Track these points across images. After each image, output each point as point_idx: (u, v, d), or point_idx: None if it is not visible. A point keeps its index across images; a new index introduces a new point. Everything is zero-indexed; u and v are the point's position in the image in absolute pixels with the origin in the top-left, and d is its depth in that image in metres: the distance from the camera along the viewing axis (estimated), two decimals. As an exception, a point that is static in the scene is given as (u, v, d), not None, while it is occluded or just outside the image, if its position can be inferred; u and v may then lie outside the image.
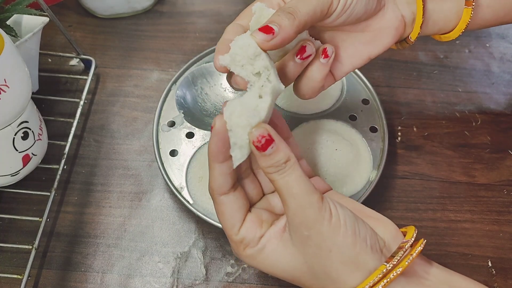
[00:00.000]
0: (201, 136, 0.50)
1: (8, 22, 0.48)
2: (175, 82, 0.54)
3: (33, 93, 0.44)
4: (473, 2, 0.39)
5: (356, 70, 0.55)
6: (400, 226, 0.48)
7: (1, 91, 0.37)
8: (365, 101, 0.53)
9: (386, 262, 0.31)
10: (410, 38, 0.41)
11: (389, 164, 0.51)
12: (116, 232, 0.47)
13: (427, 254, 0.46)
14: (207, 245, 0.46)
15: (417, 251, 0.31)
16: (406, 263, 0.30)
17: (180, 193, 0.47)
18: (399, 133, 0.54)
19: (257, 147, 0.31)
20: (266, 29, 0.32)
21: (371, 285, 0.30)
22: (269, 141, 0.31)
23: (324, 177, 0.46)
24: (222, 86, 0.54)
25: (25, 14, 0.48)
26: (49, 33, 0.60)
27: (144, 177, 0.51)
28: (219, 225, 0.44)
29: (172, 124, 0.51)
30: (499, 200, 0.50)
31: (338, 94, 0.54)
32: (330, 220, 0.31)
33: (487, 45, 0.62)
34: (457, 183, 0.51)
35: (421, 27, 0.40)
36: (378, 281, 0.30)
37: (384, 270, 0.30)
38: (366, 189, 0.46)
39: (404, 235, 0.34)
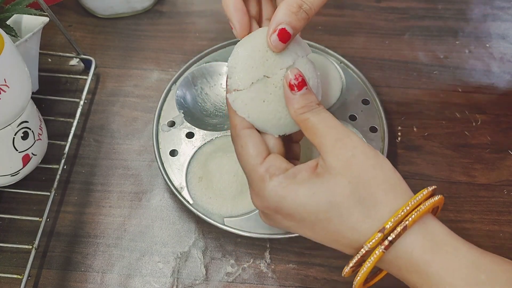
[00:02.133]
0: (201, 136, 0.50)
1: (8, 22, 0.48)
2: (175, 82, 0.54)
3: (33, 93, 0.44)
4: None
5: (356, 70, 0.55)
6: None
7: (1, 91, 0.37)
8: (365, 101, 0.53)
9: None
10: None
11: (389, 164, 0.51)
12: (116, 232, 0.47)
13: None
14: (207, 245, 0.46)
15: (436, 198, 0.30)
16: (429, 202, 0.30)
17: (180, 193, 0.47)
18: (399, 133, 0.54)
19: (292, 86, 0.33)
20: (282, 36, 0.33)
21: (413, 204, 0.29)
22: (303, 82, 0.33)
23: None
24: (222, 86, 0.54)
25: (25, 14, 0.48)
26: (49, 33, 0.60)
27: (144, 177, 0.51)
28: (219, 225, 0.44)
29: (172, 124, 0.51)
30: (499, 200, 0.50)
31: (338, 94, 0.54)
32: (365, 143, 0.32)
33: (487, 45, 0.62)
34: (457, 183, 0.51)
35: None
36: (419, 204, 0.29)
37: (425, 192, 0.30)
38: (366, 189, 0.46)
39: None
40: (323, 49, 0.57)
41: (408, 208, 0.29)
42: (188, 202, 0.46)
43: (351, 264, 0.31)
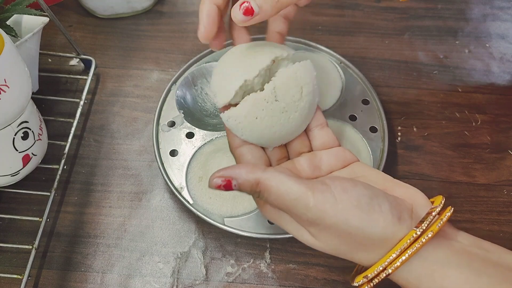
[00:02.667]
0: (201, 136, 0.50)
1: (8, 22, 0.48)
2: (175, 82, 0.54)
3: (33, 93, 0.44)
4: None
5: (356, 70, 0.55)
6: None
7: (1, 91, 0.37)
8: (365, 101, 0.53)
9: (415, 227, 0.30)
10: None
11: (389, 164, 0.51)
12: (116, 232, 0.47)
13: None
14: (207, 245, 0.46)
15: (446, 216, 0.31)
16: (437, 227, 0.30)
17: (180, 193, 0.47)
18: (399, 133, 0.54)
19: (225, 189, 0.32)
20: (246, 11, 0.32)
21: (402, 249, 0.30)
22: (228, 182, 0.31)
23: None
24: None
25: (25, 14, 0.48)
26: (49, 33, 0.60)
27: (144, 177, 0.51)
28: (219, 225, 0.44)
29: (172, 124, 0.51)
30: (499, 200, 0.50)
31: (338, 94, 0.54)
32: (335, 206, 0.31)
33: (487, 45, 0.62)
34: (457, 183, 0.51)
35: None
36: (408, 246, 0.30)
37: (414, 235, 0.30)
38: (366, 189, 0.46)
39: (432, 204, 0.33)
40: (323, 49, 0.57)
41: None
42: (188, 202, 0.46)
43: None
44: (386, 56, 0.61)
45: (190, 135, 0.50)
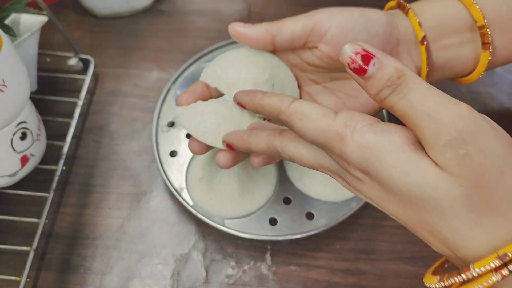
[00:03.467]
0: (201, 136, 0.50)
1: (6, 21, 0.47)
2: (174, 82, 0.54)
3: (31, 93, 0.44)
4: (489, 47, 0.38)
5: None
6: (402, 227, 0.47)
7: (-1, 91, 0.37)
8: (367, 102, 0.53)
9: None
10: None
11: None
12: (115, 234, 0.47)
13: (430, 257, 0.46)
14: (207, 247, 0.46)
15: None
16: None
17: (180, 194, 0.46)
18: (401, 134, 0.54)
19: (354, 70, 0.25)
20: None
21: None
22: (367, 57, 0.25)
23: (325, 179, 0.46)
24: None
25: (24, 13, 0.48)
26: (48, 33, 0.59)
27: (143, 178, 0.50)
28: (220, 226, 0.44)
29: (171, 124, 0.51)
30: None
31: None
32: (495, 133, 0.24)
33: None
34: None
35: (428, 76, 0.39)
36: None
37: None
38: (367, 190, 0.46)
39: None
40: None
41: None
42: (188, 203, 0.46)
43: (444, 279, 0.25)
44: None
45: (190, 136, 0.50)
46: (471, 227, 0.24)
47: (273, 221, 0.45)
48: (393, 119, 0.26)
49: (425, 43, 0.38)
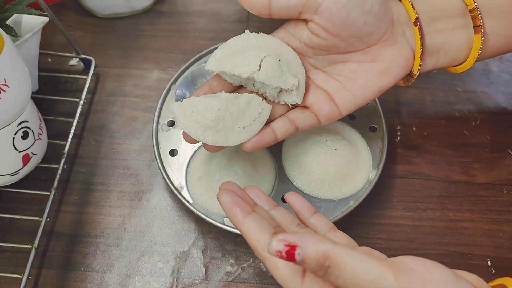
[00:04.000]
0: (200, 135, 0.50)
1: (8, 22, 0.48)
2: (174, 81, 0.54)
3: (33, 93, 0.44)
4: (481, 28, 0.39)
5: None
6: (400, 225, 0.48)
7: (1, 90, 0.37)
8: (365, 101, 0.53)
9: None
10: (413, 70, 0.41)
11: (388, 164, 0.51)
12: (116, 232, 0.47)
13: (427, 254, 0.46)
14: (207, 245, 0.47)
15: None
16: None
17: (179, 193, 0.47)
18: (399, 133, 0.54)
19: (286, 259, 0.26)
20: None
21: None
22: (291, 250, 0.26)
23: (323, 177, 0.46)
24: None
25: (25, 13, 0.48)
26: (49, 33, 0.60)
27: (143, 177, 0.51)
28: (219, 224, 0.44)
29: (172, 123, 0.51)
30: (499, 199, 0.50)
31: (337, 93, 0.54)
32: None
33: (487, 44, 0.62)
34: (457, 183, 0.51)
35: (423, 58, 0.40)
36: None
37: None
38: (365, 189, 0.46)
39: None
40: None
41: None
42: (188, 201, 0.46)
43: None
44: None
45: (189, 135, 0.50)
46: None
47: (272, 219, 0.46)
48: (387, 113, 0.27)
49: (418, 24, 0.39)
